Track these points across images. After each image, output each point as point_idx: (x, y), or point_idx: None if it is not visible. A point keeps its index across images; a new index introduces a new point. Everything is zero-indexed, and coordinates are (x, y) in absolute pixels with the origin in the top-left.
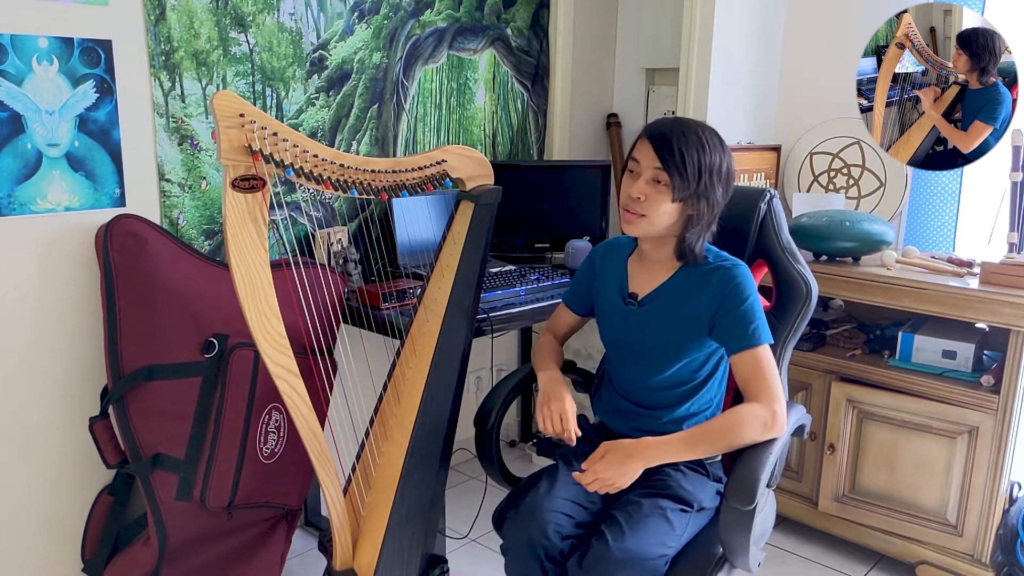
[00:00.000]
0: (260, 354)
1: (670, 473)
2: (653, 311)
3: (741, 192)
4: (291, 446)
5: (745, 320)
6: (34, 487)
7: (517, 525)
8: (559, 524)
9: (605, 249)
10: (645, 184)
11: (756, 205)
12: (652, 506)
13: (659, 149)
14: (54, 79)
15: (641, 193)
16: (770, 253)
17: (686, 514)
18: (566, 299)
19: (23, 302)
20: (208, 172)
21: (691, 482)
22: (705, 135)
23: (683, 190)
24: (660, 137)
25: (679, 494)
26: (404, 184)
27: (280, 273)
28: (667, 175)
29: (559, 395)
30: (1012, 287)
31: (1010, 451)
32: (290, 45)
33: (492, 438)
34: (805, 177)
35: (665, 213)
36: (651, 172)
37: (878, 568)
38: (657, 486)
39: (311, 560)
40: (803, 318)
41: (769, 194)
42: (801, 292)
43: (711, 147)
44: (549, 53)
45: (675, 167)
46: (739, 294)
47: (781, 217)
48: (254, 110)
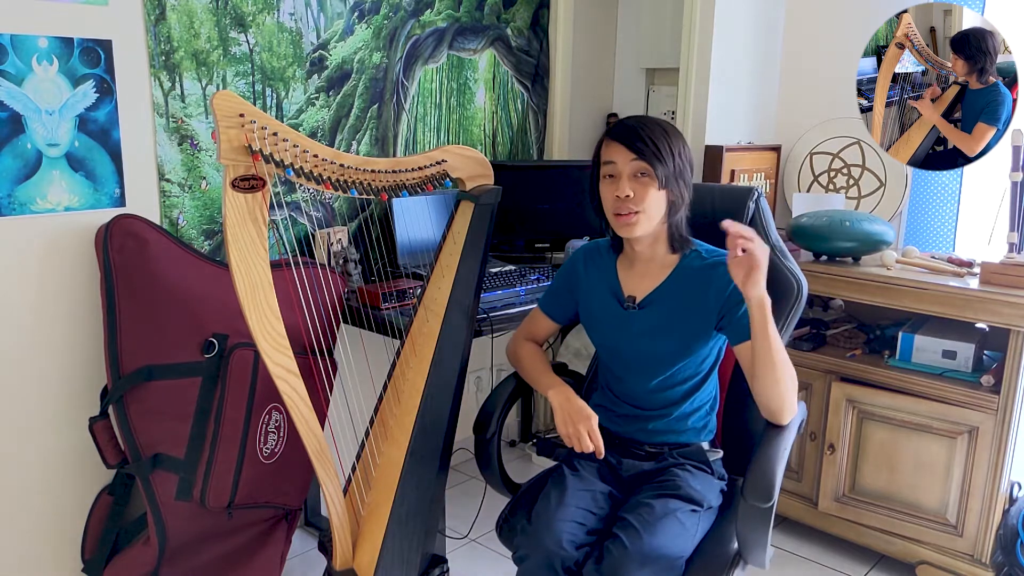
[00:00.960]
0: (260, 354)
1: (677, 473)
2: (656, 312)
3: (728, 191)
4: (291, 446)
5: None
6: (34, 487)
7: (532, 536)
8: (573, 533)
9: (586, 255)
10: (629, 181)
11: (745, 204)
12: (664, 507)
13: (631, 143)
14: (54, 79)
15: (628, 191)
16: None
17: (696, 514)
18: (544, 306)
19: (23, 302)
20: (208, 172)
21: (699, 481)
22: (661, 122)
23: (665, 175)
24: (627, 132)
25: (688, 494)
26: (404, 184)
27: (280, 273)
28: (648, 165)
29: (583, 413)
30: (1012, 287)
31: (1010, 451)
32: (290, 45)
33: (492, 446)
34: (805, 177)
35: (656, 203)
36: (631, 167)
37: (878, 568)
38: (667, 487)
39: (311, 560)
40: (794, 315)
41: (756, 192)
42: (792, 289)
43: (671, 131)
44: (549, 53)
45: (652, 154)
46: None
47: (768, 215)
48: (254, 110)
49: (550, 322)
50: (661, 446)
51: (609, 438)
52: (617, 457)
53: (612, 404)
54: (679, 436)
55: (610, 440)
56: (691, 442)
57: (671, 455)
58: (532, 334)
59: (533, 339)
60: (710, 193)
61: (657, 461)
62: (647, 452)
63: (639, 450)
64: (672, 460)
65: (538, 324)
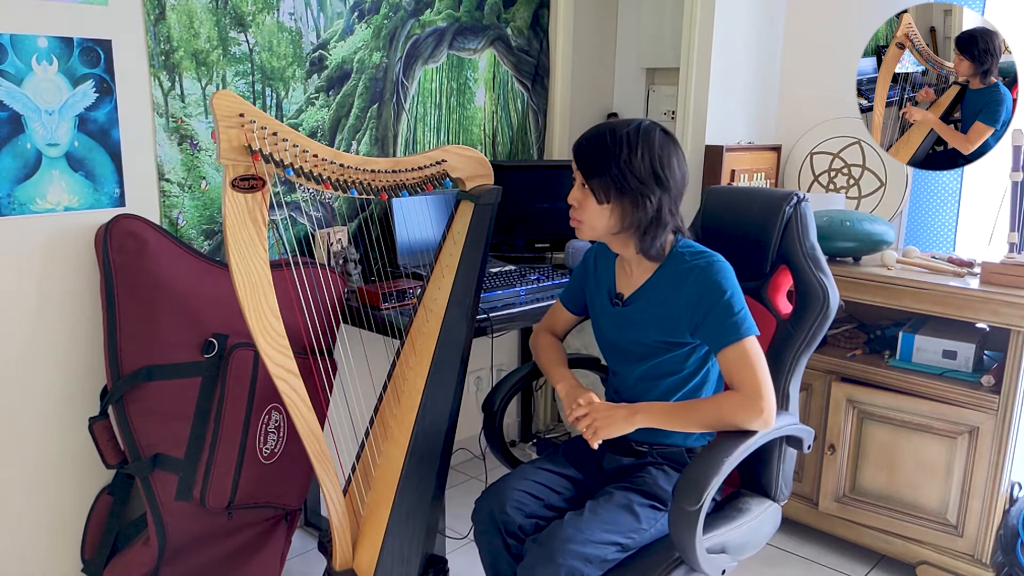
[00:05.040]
0: (260, 354)
1: (649, 471)
2: (636, 311)
3: (761, 196)
4: (291, 446)
5: (724, 317)
6: (34, 487)
7: (483, 500)
8: (521, 502)
9: (598, 250)
10: (577, 191)
11: (780, 209)
12: (623, 499)
13: (577, 157)
14: (54, 79)
15: (574, 200)
16: (791, 259)
17: (656, 511)
18: (563, 298)
19: (23, 302)
20: (208, 172)
21: (669, 481)
22: (620, 136)
23: (602, 191)
24: (578, 146)
25: (653, 491)
26: (404, 184)
27: (280, 273)
28: (585, 179)
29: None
30: (1012, 287)
31: (1010, 451)
32: (290, 45)
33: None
34: (805, 177)
35: (595, 216)
36: (578, 177)
37: (878, 568)
38: (634, 482)
39: (311, 560)
40: (819, 327)
41: (796, 197)
42: (817, 300)
43: (627, 147)
44: (549, 53)
45: (589, 171)
46: (716, 291)
47: (808, 221)
48: (254, 110)
49: (568, 313)
50: (646, 444)
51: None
52: (603, 449)
53: (609, 397)
54: (664, 436)
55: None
56: (677, 444)
57: (652, 454)
58: (552, 325)
59: (553, 330)
60: (749, 198)
61: (638, 458)
62: (632, 449)
63: (624, 446)
64: (651, 459)
65: (557, 315)
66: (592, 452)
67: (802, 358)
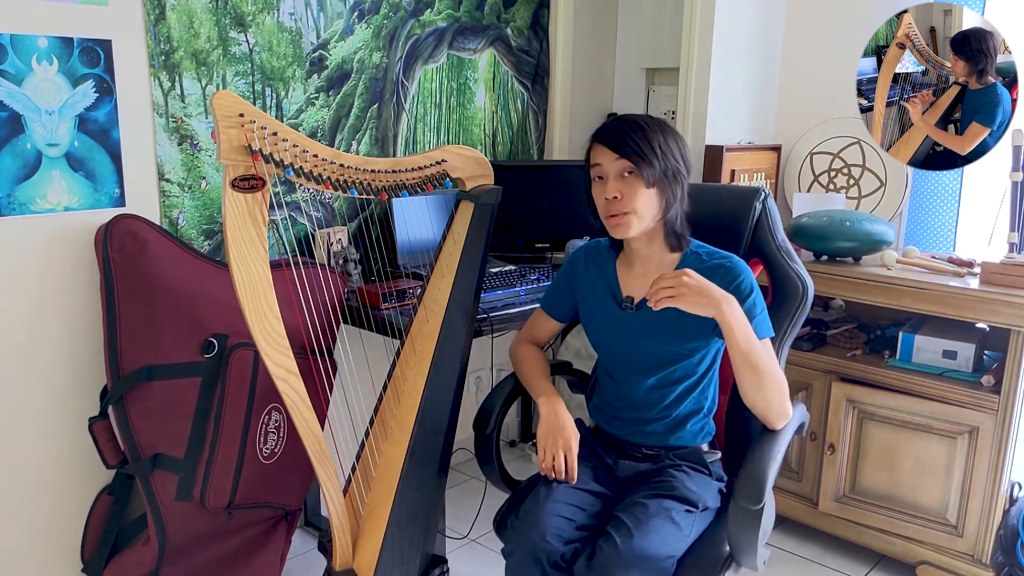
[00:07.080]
0: (260, 354)
1: (674, 474)
2: (653, 313)
3: (734, 192)
4: (291, 446)
5: (750, 316)
6: (34, 487)
7: (518, 530)
8: (559, 528)
9: (586, 254)
10: (615, 182)
11: (751, 204)
12: (658, 507)
13: (613, 144)
14: (54, 79)
15: (616, 192)
16: (765, 252)
17: (691, 515)
18: (545, 305)
19: (23, 302)
20: (208, 172)
21: (695, 482)
22: (646, 120)
23: (651, 173)
24: (609, 133)
25: (684, 495)
26: (404, 184)
27: (280, 273)
28: (631, 163)
29: (566, 430)
30: (1012, 287)
31: (1010, 451)
32: (290, 45)
33: (492, 441)
34: (805, 177)
35: (646, 202)
36: (616, 168)
37: (878, 568)
38: (662, 487)
39: (311, 560)
40: (799, 316)
41: (763, 193)
42: (797, 291)
43: (657, 126)
44: (549, 53)
45: (634, 153)
46: (742, 291)
47: (776, 216)
48: (254, 110)
49: (552, 321)
50: (658, 448)
51: (606, 439)
52: (614, 458)
53: (609, 406)
54: (677, 438)
55: (607, 442)
56: (688, 444)
57: (668, 457)
58: (534, 335)
59: (535, 340)
60: (716, 194)
61: (654, 462)
62: (644, 454)
63: (636, 452)
64: (669, 462)
65: (540, 324)
66: (604, 462)
67: (786, 346)
